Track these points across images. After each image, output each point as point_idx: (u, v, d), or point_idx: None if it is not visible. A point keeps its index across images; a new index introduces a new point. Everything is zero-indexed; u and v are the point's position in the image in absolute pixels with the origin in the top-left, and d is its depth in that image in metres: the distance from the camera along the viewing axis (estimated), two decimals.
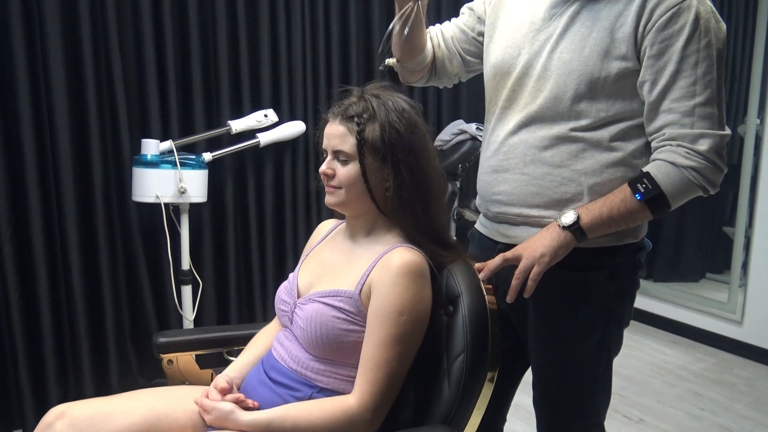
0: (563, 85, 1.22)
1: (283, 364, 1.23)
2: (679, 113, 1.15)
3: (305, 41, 2.82)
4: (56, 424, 1.14)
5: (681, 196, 1.17)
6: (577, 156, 1.23)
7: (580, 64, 1.20)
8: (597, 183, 1.23)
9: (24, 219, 2.26)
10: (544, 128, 1.25)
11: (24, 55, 2.18)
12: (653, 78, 1.16)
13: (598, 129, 1.22)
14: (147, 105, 2.49)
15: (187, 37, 2.53)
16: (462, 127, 3.08)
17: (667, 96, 1.16)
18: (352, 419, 1.12)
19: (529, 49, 1.28)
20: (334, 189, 1.22)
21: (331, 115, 1.23)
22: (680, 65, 1.14)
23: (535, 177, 1.27)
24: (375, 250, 1.21)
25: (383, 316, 1.12)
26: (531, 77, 1.27)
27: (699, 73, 1.14)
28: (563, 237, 1.18)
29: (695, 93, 1.14)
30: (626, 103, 1.21)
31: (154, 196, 2.29)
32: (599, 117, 1.21)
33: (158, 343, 1.46)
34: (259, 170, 2.80)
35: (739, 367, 3.09)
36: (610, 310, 1.30)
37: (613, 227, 1.20)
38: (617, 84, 1.20)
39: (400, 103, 1.22)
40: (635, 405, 2.66)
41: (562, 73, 1.22)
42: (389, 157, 1.18)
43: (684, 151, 1.14)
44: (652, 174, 1.16)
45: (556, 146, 1.24)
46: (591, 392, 1.36)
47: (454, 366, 1.15)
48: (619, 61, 1.18)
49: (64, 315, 2.39)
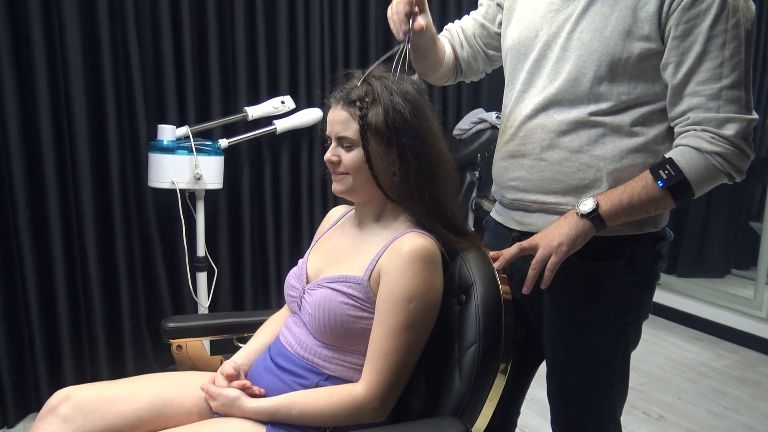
0: (583, 67, 1.18)
1: (291, 350, 1.21)
2: (705, 96, 1.10)
3: (323, 27, 2.79)
4: (60, 407, 1.13)
5: (705, 183, 1.12)
6: (597, 141, 1.19)
7: (601, 45, 1.15)
8: (617, 169, 1.19)
9: (41, 204, 2.27)
10: (562, 112, 1.21)
11: (42, 41, 2.18)
12: (678, 60, 1.11)
13: (619, 113, 1.18)
14: (164, 90, 2.48)
15: (205, 22, 2.52)
16: (482, 116, 3.03)
17: (692, 78, 1.10)
18: (360, 408, 1.10)
19: (548, 30, 1.23)
20: (341, 176, 1.19)
21: (333, 101, 1.19)
22: (706, 46, 1.08)
23: (552, 163, 1.23)
24: (384, 235, 1.18)
25: (392, 303, 1.09)
26: (549, 59, 1.23)
27: (726, 54, 1.08)
28: (582, 225, 1.14)
29: (722, 75, 1.08)
30: (648, 86, 1.16)
31: (170, 182, 2.29)
32: (620, 100, 1.17)
33: (167, 328, 1.45)
34: (276, 157, 2.78)
35: (763, 364, 3.01)
36: (627, 301, 1.25)
37: (634, 215, 1.15)
38: (639, 65, 1.15)
39: (405, 85, 1.18)
40: (655, 401, 2.60)
41: (582, 54, 1.17)
42: (394, 141, 1.14)
43: (709, 136, 1.09)
44: (675, 160, 1.11)
45: (574, 131, 1.20)
46: (607, 386, 1.32)
47: (466, 357, 1.12)
48: (642, 42, 1.13)
49: (80, 300, 2.40)
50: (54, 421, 1.13)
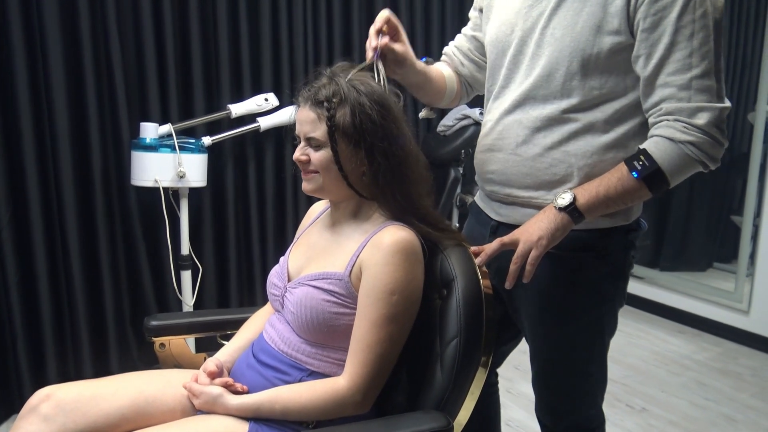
0: (555, 63, 1.20)
1: (274, 346, 1.21)
2: (676, 87, 1.11)
3: (307, 24, 2.79)
4: (41, 407, 1.13)
5: (680, 172, 1.13)
6: (570, 138, 1.22)
7: (572, 40, 1.17)
8: (588, 164, 1.21)
9: (23, 203, 2.25)
10: (537, 108, 1.24)
11: (21, 38, 2.16)
12: (648, 52, 1.13)
13: (591, 109, 1.20)
14: (146, 88, 2.47)
15: (187, 19, 2.51)
16: (465, 113, 3.05)
17: (662, 70, 1.12)
18: (342, 401, 1.10)
19: (523, 26, 1.26)
20: (311, 175, 1.19)
21: (302, 100, 1.19)
22: (675, 37, 1.10)
23: (526, 158, 1.25)
24: (364, 230, 1.19)
25: (374, 296, 1.10)
26: (526, 55, 1.25)
27: (695, 44, 1.09)
28: (560, 219, 1.15)
29: (692, 65, 1.10)
30: (620, 79, 1.18)
31: (153, 180, 2.28)
32: (592, 95, 1.19)
33: (150, 326, 1.45)
34: (260, 155, 2.77)
35: (744, 356, 3.05)
36: (601, 291, 1.28)
37: (612, 207, 1.17)
38: (610, 60, 1.17)
39: (371, 84, 1.18)
40: (638, 394, 2.63)
41: (554, 50, 1.20)
42: (362, 142, 1.14)
43: (681, 125, 1.11)
44: (650, 151, 1.13)
45: (548, 127, 1.23)
46: (586, 373, 1.35)
47: (447, 350, 1.13)
48: (612, 36, 1.15)
49: (63, 300, 2.38)
50: (35, 421, 1.12)
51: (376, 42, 1.24)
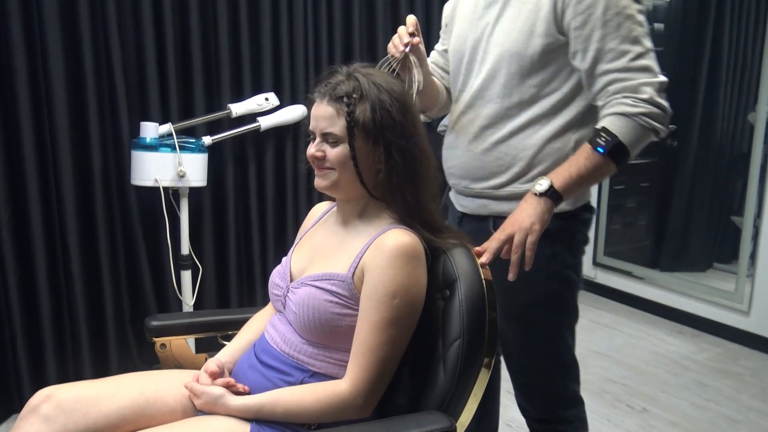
0: (498, 65, 1.36)
1: (276, 347, 1.21)
2: (616, 71, 1.24)
3: (307, 23, 2.78)
4: (42, 407, 1.12)
5: (637, 142, 1.25)
6: (514, 133, 1.36)
7: (511, 45, 1.33)
8: (530, 155, 1.36)
9: (22, 202, 2.24)
10: (485, 107, 1.39)
11: (21, 36, 2.15)
12: (583, 47, 1.26)
13: (531, 106, 1.35)
14: (146, 87, 2.46)
15: (187, 18, 2.50)
16: None
17: (600, 60, 1.26)
18: (344, 405, 1.10)
19: (473, 36, 1.42)
20: (325, 171, 1.18)
21: (318, 95, 1.18)
22: (604, 30, 1.24)
23: (476, 153, 1.41)
24: (368, 232, 1.18)
25: (376, 300, 1.09)
26: (476, 61, 1.41)
27: (623, 33, 1.23)
28: (543, 203, 1.25)
29: (625, 52, 1.24)
30: (554, 77, 1.33)
31: (153, 179, 2.27)
32: (530, 93, 1.34)
33: (150, 326, 1.44)
34: (260, 154, 2.77)
35: (744, 357, 3.05)
36: (550, 268, 1.37)
37: (584, 185, 1.30)
38: (544, 58, 1.31)
39: (392, 82, 1.18)
40: (638, 394, 2.63)
41: (496, 54, 1.36)
42: (381, 139, 1.14)
43: (630, 101, 1.23)
44: (608, 127, 1.24)
45: (494, 125, 1.38)
46: (552, 354, 1.45)
47: (450, 351, 1.13)
48: (542, 38, 1.30)
49: (63, 300, 2.38)
50: (35, 421, 1.12)
51: (408, 39, 1.34)
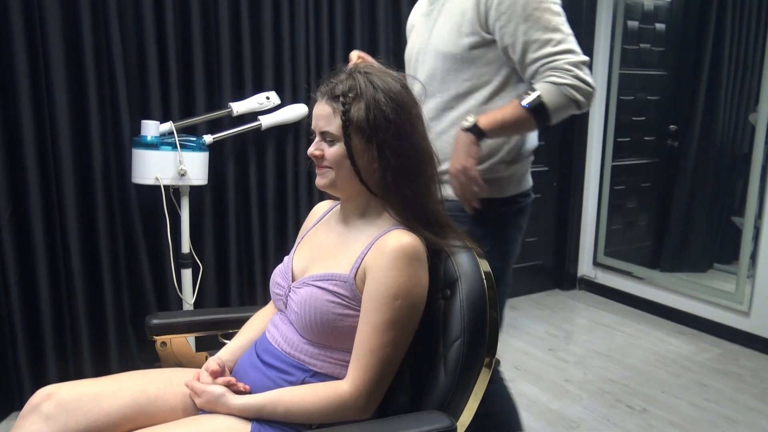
0: (434, 64, 1.53)
1: (277, 347, 1.21)
2: (544, 56, 1.40)
3: (308, 22, 2.78)
4: (43, 406, 1.12)
5: (559, 108, 1.39)
6: (455, 123, 1.50)
7: (443, 46, 1.51)
8: None
9: (23, 200, 2.24)
10: (429, 103, 1.55)
11: (23, 35, 2.15)
12: (511, 41, 1.42)
13: (466, 98, 1.50)
14: (147, 86, 2.46)
15: (189, 16, 2.50)
16: None
17: (528, 50, 1.41)
18: (345, 405, 1.10)
19: (418, 42, 1.61)
20: (324, 170, 1.19)
21: (319, 95, 1.19)
22: (527, 25, 1.39)
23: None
24: (369, 233, 1.18)
25: (378, 301, 1.09)
26: (420, 62, 1.60)
27: (544, 24, 1.39)
28: (466, 137, 1.41)
29: (549, 41, 1.39)
30: (484, 70, 1.48)
31: (154, 178, 2.27)
32: (465, 87, 1.50)
33: (151, 324, 1.44)
34: (261, 153, 2.77)
35: (744, 357, 3.05)
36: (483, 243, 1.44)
37: (507, 131, 1.46)
38: (471, 54, 1.47)
39: (390, 82, 1.17)
40: (639, 395, 2.63)
41: (433, 55, 1.54)
42: (374, 138, 1.14)
43: (558, 74, 1.38)
44: (536, 88, 1.40)
45: (438, 117, 1.55)
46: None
47: (451, 351, 1.13)
48: (468, 37, 1.47)
49: (63, 298, 2.37)
50: (36, 420, 1.12)
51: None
